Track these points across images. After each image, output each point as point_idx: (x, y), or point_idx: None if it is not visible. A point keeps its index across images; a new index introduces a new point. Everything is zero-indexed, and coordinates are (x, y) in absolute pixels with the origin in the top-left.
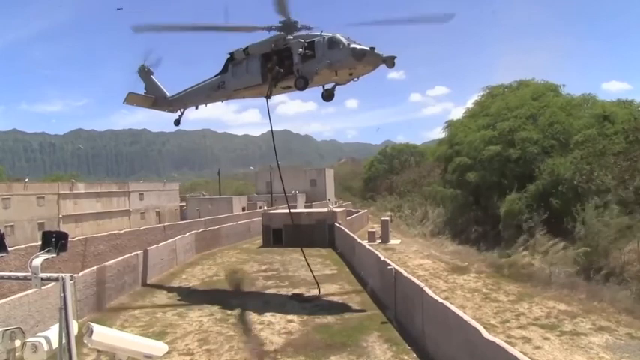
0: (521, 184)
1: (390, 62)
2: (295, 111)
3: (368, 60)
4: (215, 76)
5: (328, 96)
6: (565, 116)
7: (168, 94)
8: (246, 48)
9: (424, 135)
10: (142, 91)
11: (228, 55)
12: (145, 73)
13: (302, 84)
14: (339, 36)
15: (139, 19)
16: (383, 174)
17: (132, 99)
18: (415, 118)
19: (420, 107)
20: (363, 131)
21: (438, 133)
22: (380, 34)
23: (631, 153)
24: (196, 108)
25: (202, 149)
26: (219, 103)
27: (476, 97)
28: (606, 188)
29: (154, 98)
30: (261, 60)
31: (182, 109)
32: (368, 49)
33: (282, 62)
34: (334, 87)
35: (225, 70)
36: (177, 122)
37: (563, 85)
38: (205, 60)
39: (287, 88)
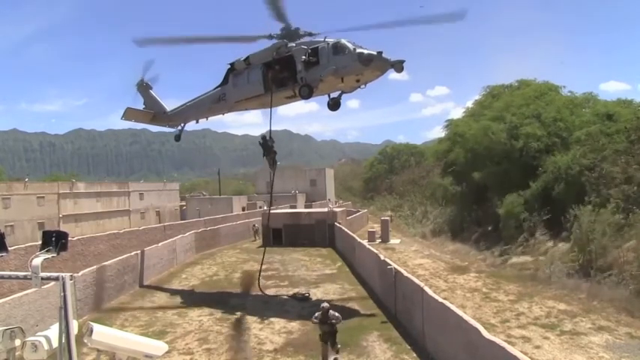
0: (522, 182)
1: (399, 67)
2: (296, 111)
3: (376, 65)
4: (215, 89)
5: (334, 105)
6: (569, 114)
7: (168, 109)
8: (247, 57)
9: (424, 135)
10: (141, 106)
11: (229, 66)
12: (143, 87)
13: (306, 92)
14: (344, 41)
15: (140, 30)
16: (383, 174)
17: (130, 115)
18: (415, 118)
19: (420, 107)
20: (364, 131)
21: (438, 133)
22: (379, 35)
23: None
24: (197, 122)
25: (202, 149)
26: None
27: (476, 97)
28: (612, 184)
29: (153, 113)
30: (263, 69)
31: (182, 124)
32: (375, 53)
33: (285, 70)
34: (340, 95)
35: (225, 81)
36: (177, 138)
37: (564, 87)
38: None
39: (291, 98)
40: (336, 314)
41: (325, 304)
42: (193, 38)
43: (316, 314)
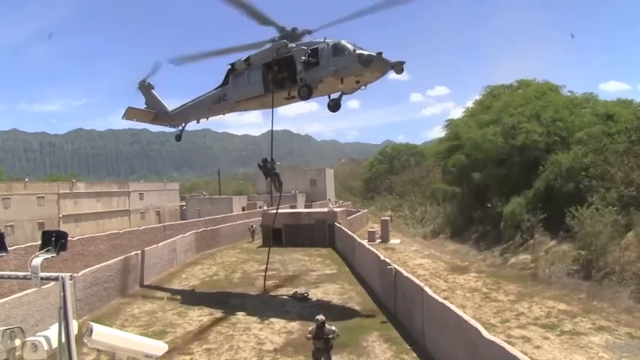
0: (522, 182)
1: (399, 68)
2: (296, 111)
3: (375, 66)
4: (216, 89)
5: (334, 106)
6: (568, 114)
7: (169, 109)
8: (247, 58)
9: (424, 135)
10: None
11: (229, 66)
12: (145, 87)
13: (306, 93)
14: (343, 42)
15: (140, 30)
16: (383, 174)
17: (132, 114)
18: (415, 118)
19: (420, 107)
20: (364, 131)
21: (438, 133)
22: (379, 35)
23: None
24: (197, 122)
25: (202, 149)
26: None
27: (476, 97)
28: (614, 185)
29: (155, 113)
30: (263, 70)
31: (183, 124)
32: (375, 54)
33: (284, 71)
34: (340, 97)
35: (226, 81)
36: (178, 137)
37: (564, 87)
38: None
39: (291, 99)
40: (332, 328)
41: (320, 317)
42: (221, 51)
43: (310, 329)
